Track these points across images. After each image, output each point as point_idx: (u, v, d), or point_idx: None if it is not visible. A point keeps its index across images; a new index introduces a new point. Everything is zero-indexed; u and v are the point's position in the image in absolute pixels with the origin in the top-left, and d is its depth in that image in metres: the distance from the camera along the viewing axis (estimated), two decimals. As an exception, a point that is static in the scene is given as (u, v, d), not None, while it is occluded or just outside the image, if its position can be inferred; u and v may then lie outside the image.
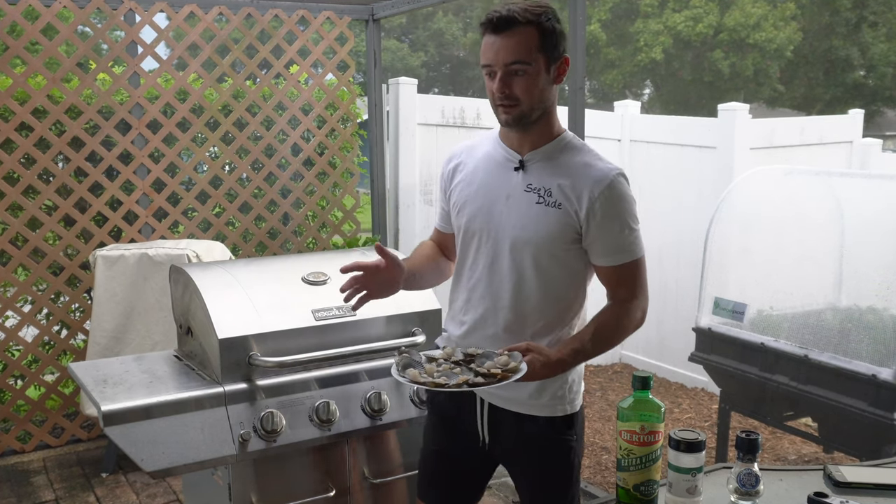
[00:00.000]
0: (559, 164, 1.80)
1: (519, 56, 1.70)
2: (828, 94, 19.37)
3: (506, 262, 1.82)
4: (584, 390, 1.95)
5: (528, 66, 1.71)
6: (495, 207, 1.83)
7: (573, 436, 1.88)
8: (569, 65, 1.79)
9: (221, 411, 2.24)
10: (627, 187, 1.78)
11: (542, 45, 1.72)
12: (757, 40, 17.56)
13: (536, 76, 1.72)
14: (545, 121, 1.81)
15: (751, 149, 5.12)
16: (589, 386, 5.37)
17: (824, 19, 18.62)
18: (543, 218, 1.77)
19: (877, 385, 3.04)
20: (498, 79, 1.72)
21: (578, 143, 1.85)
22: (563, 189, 1.76)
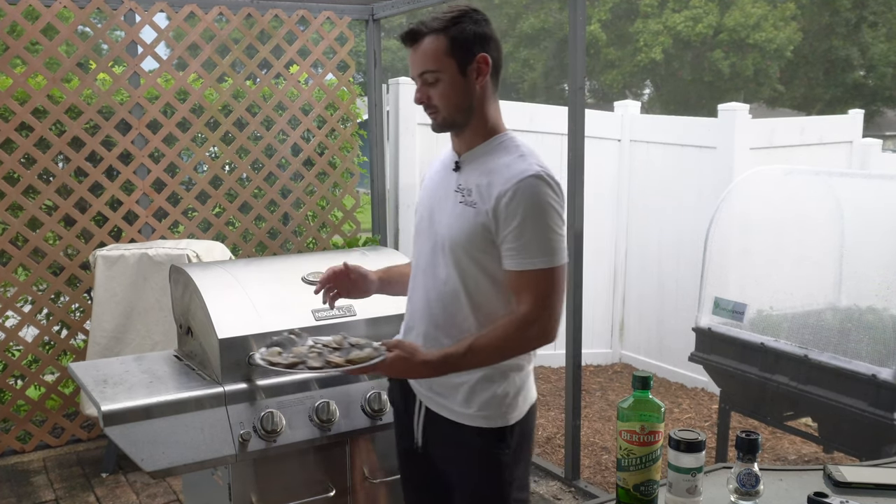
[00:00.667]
0: (486, 164, 1.79)
1: (426, 66, 1.76)
2: (828, 94, 19.37)
3: (438, 263, 1.83)
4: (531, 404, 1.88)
5: (438, 74, 1.75)
6: (434, 209, 1.87)
7: (505, 450, 1.83)
8: (488, 62, 1.77)
9: (221, 411, 2.24)
10: (544, 189, 1.70)
11: (451, 51, 1.74)
12: (757, 40, 17.56)
13: (449, 82, 1.75)
14: (477, 122, 1.81)
15: (751, 149, 5.12)
16: (589, 386, 5.38)
17: (824, 19, 18.62)
18: (462, 217, 1.77)
19: (877, 385, 3.04)
20: (416, 89, 1.80)
21: (512, 145, 1.81)
22: (479, 188, 1.76)
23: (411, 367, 1.75)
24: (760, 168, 4.25)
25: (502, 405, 1.81)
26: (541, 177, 1.71)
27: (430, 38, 1.75)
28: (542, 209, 1.69)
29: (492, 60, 1.78)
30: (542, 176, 1.71)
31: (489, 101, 1.82)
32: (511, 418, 1.83)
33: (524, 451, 1.89)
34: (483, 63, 1.77)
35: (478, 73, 1.77)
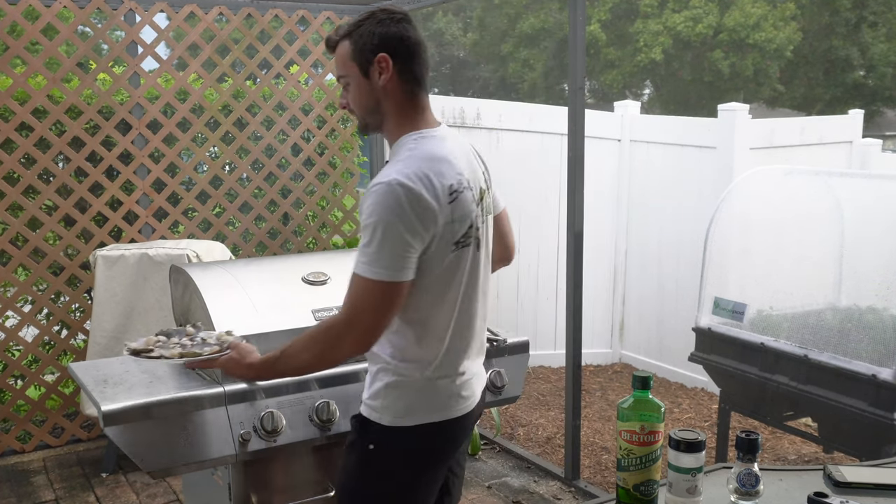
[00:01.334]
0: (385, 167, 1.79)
1: (338, 71, 1.81)
2: (828, 94, 19.37)
3: None
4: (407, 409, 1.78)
5: (347, 78, 1.79)
6: None
7: (368, 444, 1.80)
8: (388, 61, 1.73)
9: (221, 411, 2.23)
10: (389, 199, 1.62)
11: (353, 55, 1.76)
12: (757, 40, 17.56)
13: (356, 86, 1.78)
14: (387, 124, 1.80)
15: (751, 149, 5.12)
16: (589, 386, 5.38)
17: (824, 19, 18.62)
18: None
19: (877, 385, 3.04)
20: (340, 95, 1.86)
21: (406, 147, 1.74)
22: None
23: (239, 368, 1.88)
24: (760, 168, 4.25)
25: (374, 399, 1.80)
26: (389, 185, 1.63)
27: (340, 45, 1.79)
28: (379, 219, 1.63)
29: (397, 59, 1.74)
30: (393, 185, 1.63)
31: (402, 102, 1.77)
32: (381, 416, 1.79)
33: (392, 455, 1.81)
34: (383, 62, 1.74)
35: (380, 73, 1.74)
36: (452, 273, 1.75)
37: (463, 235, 1.74)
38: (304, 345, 1.76)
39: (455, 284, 1.76)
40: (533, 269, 5.68)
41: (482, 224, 1.82)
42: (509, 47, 21.33)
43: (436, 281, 1.73)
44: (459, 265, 1.75)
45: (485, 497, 3.72)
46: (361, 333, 1.69)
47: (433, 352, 1.78)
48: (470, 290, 1.80)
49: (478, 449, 4.23)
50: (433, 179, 1.67)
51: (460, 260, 1.75)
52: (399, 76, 1.75)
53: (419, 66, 1.78)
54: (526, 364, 2.69)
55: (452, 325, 1.78)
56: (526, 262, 5.63)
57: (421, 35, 1.80)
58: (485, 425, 4.60)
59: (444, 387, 1.80)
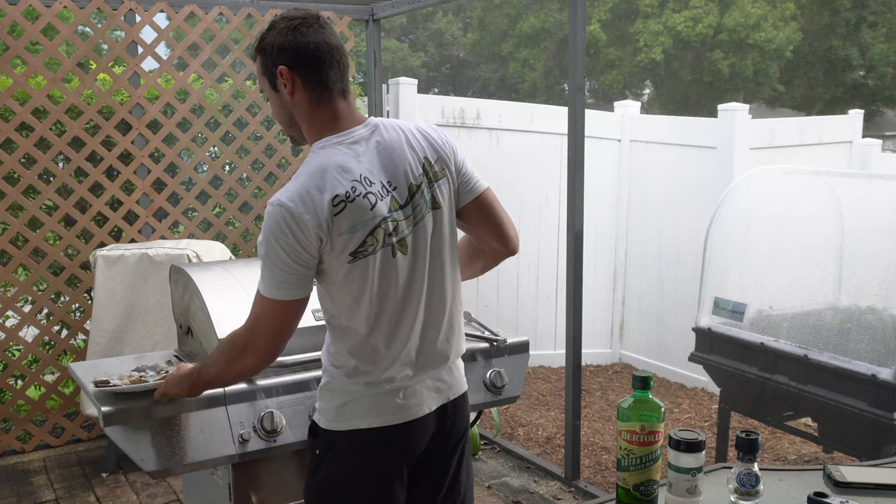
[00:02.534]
0: None
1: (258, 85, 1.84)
2: (828, 94, 19.37)
3: None
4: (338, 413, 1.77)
5: (265, 93, 1.77)
6: None
7: (316, 449, 1.82)
8: (287, 74, 1.68)
9: (221, 411, 2.23)
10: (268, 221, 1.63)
11: (262, 68, 1.73)
12: (757, 40, 17.56)
13: (271, 100, 1.77)
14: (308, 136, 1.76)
15: (751, 149, 5.13)
16: (589, 386, 5.38)
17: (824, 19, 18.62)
18: None
19: (876, 385, 3.04)
20: None
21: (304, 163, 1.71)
22: None
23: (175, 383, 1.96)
24: (760, 168, 4.25)
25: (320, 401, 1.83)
26: (274, 206, 1.63)
27: (257, 59, 1.75)
28: (264, 240, 1.65)
29: (297, 69, 1.68)
30: (275, 206, 1.63)
31: (311, 112, 1.72)
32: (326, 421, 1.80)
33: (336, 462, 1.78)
34: (284, 75, 1.69)
35: (285, 85, 1.70)
36: (358, 282, 1.69)
37: (360, 244, 1.66)
38: (213, 358, 1.84)
39: (366, 293, 1.70)
40: (533, 268, 5.68)
41: (411, 225, 1.72)
42: (509, 47, 21.33)
43: (341, 291, 1.71)
44: (366, 275, 1.68)
45: (485, 497, 3.72)
46: (262, 348, 1.73)
47: (360, 358, 1.75)
48: (397, 298, 1.73)
49: (478, 449, 4.23)
50: (313, 195, 1.62)
51: (366, 269, 1.68)
52: (304, 85, 1.69)
53: (325, 70, 1.69)
54: (526, 364, 2.69)
55: (376, 333, 1.73)
56: (526, 262, 5.63)
57: (328, 36, 1.70)
58: (485, 425, 4.60)
59: (377, 394, 1.76)
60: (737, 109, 5.19)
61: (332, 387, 1.80)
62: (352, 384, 1.77)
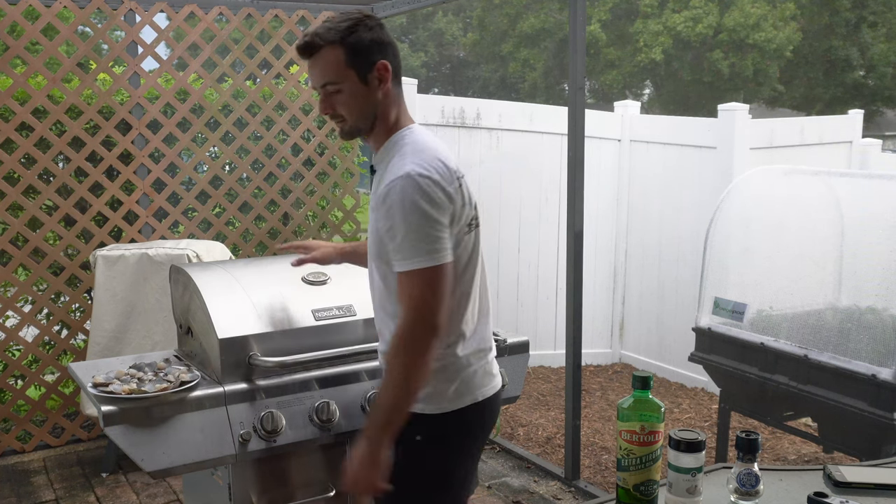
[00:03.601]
0: (386, 165, 1.81)
1: (326, 78, 1.76)
2: (828, 94, 19.38)
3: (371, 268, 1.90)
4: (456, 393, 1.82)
5: (339, 85, 1.76)
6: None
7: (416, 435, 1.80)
8: (388, 69, 1.78)
9: (221, 411, 2.24)
10: (410, 190, 1.67)
11: (349, 61, 1.75)
12: (756, 40, 17.56)
13: (351, 92, 1.76)
14: (379, 126, 1.83)
15: (751, 149, 5.13)
16: (589, 386, 5.38)
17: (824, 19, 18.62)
18: (372, 223, 1.82)
19: (876, 385, 3.04)
20: (319, 100, 1.81)
21: (403, 143, 1.80)
22: (377, 192, 1.79)
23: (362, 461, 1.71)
24: (760, 168, 4.25)
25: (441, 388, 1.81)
26: (409, 177, 1.68)
27: (327, 50, 1.75)
28: (410, 210, 1.67)
29: (391, 66, 1.80)
30: (411, 176, 1.68)
31: (394, 105, 1.84)
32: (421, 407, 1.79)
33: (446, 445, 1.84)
34: (383, 70, 1.79)
35: (380, 81, 1.79)
36: (470, 252, 1.82)
37: (473, 217, 1.83)
38: (390, 373, 1.72)
39: (472, 263, 1.83)
40: (533, 268, 5.68)
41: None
42: (509, 47, 21.34)
43: (457, 261, 1.78)
44: (475, 244, 1.85)
45: (485, 497, 3.72)
46: (433, 317, 1.69)
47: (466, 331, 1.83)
48: (482, 269, 1.90)
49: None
50: (444, 164, 1.74)
51: (474, 239, 1.84)
52: (393, 80, 1.82)
53: (400, 68, 1.87)
54: (526, 364, 2.69)
55: (477, 303, 1.86)
56: (526, 262, 5.63)
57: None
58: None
59: (478, 366, 1.86)
60: (737, 109, 5.19)
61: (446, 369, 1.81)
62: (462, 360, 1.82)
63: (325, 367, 2.40)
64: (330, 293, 2.47)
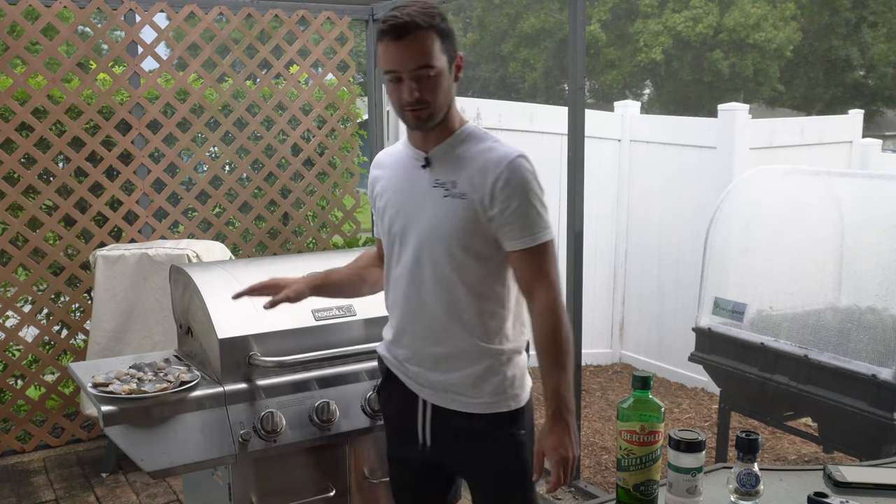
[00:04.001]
0: (461, 155, 1.82)
1: (424, 60, 1.72)
2: (828, 94, 19.37)
3: (427, 262, 1.83)
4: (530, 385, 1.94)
5: (432, 70, 1.74)
6: (411, 208, 1.86)
7: (521, 431, 1.88)
8: (463, 62, 1.82)
9: (221, 411, 2.24)
10: (530, 168, 1.78)
11: (443, 47, 1.75)
12: (757, 40, 17.56)
13: (441, 77, 1.75)
14: (448, 117, 1.83)
15: (751, 149, 5.12)
16: (589, 386, 5.37)
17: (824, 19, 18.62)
18: (451, 210, 1.79)
19: (877, 385, 3.04)
20: (405, 84, 1.74)
21: (480, 133, 1.85)
22: (467, 178, 1.78)
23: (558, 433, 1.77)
24: (760, 168, 4.24)
25: (512, 388, 1.87)
26: (525, 157, 1.78)
27: (424, 33, 1.72)
28: (535, 187, 1.77)
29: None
30: (525, 156, 1.78)
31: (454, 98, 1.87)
32: (522, 399, 1.89)
33: (533, 430, 1.93)
34: (461, 62, 1.82)
35: (456, 71, 1.81)
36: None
37: None
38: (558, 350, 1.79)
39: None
40: (533, 269, 5.66)
41: None
42: (509, 47, 21.33)
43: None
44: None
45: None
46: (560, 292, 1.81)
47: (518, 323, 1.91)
48: None
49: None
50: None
51: None
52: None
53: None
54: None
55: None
56: (526, 262, 5.62)
57: None
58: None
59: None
60: (737, 109, 5.18)
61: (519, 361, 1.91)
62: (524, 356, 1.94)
63: (325, 367, 2.40)
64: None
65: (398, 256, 1.91)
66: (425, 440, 1.93)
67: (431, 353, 1.88)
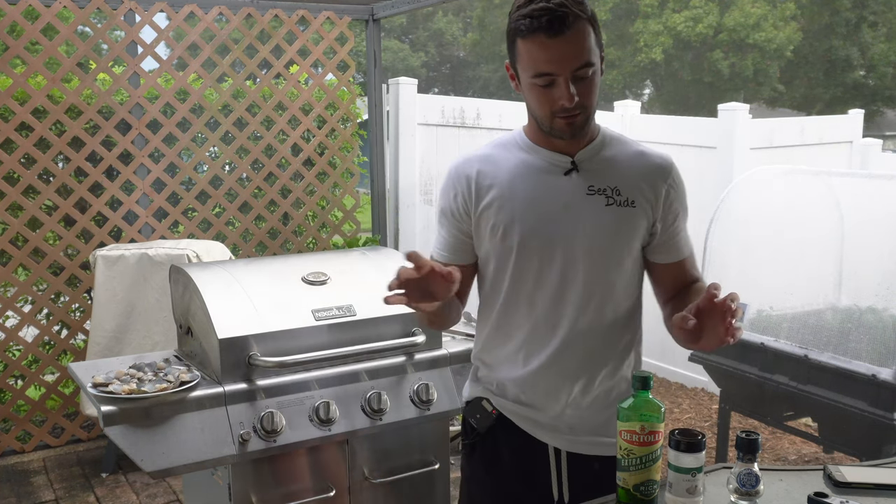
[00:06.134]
0: (613, 159, 1.63)
1: (586, 58, 1.48)
2: (828, 94, 19.38)
3: (581, 278, 1.62)
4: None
5: (592, 68, 1.50)
6: (555, 219, 1.61)
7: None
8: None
9: (221, 411, 2.24)
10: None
11: (597, 40, 1.51)
12: (757, 40, 17.57)
13: (597, 76, 1.54)
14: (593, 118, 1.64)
15: (751, 149, 5.12)
16: (589, 386, 5.37)
17: (824, 19, 18.63)
18: (620, 220, 1.61)
19: (877, 385, 3.04)
20: (564, 87, 1.48)
21: (616, 134, 1.70)
22: (630, 185, 1.62)
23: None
24: (760, 168, 4.24)
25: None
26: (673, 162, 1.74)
27: (581, 26, 1.46)
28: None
29: None
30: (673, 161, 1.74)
31: None
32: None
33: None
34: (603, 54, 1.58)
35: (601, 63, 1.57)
36: None
37: None
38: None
39: None
40: (533, 269, 5.66)
41: None
42: (509, 47, 21.30)
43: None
44: None
45: (485, 497, 3.72)
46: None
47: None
48: None
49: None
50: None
51: None
52: None
53: None
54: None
55: None
56: (526, 262, 5.61)
57: None
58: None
59: None
60: (737, 109, 5.18)
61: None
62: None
63: (325, 367, 2.40)
64: (330, 293, 2.47)
65: (537, 279, 1.63)
66: (561, 496, 1.69)
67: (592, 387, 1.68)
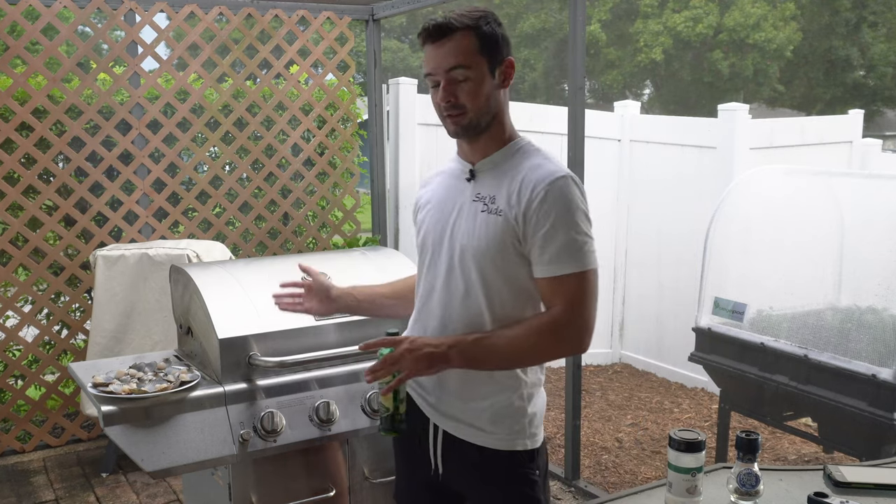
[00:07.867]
0: (508, 169, 1.72)
1: (458, 60, 1.65)
2: (828, 94, 19.37)
3: (456, 276, 1.74)
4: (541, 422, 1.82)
5: (468, 71, 1.66)
6: (448, 221, 1.77)
7: (536, 470, 1.77)
8: (514, 67, 1.73)
9: (221, 411, 2.24)
10: (573, 191, 1.65)
11: (482, 49, 1.67)
12: (757, 40, 17.57)
13: (480, 81, 1.67)
14: (495, 128, 1.74)
15: (751, 149, 5.12)
16: (589, 386, 5.37)
17: (824, 19, 18.62)
18: (485, 226, 1.69)
19: (877, 385, 3.04)
20: (441, 87, 1.68)
21: (532, 149, 1.76)
22: (507, 194, 1.68)
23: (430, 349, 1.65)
24: (760, 168, 4.24)
25: (531, 427, 1.75)
26: (572, 178, 1.67)
27: (461, 34, 1.66)
28: (573, 212, 1.64)
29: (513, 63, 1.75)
30: (571, 177, 1.67)
31: (506, 108, 1.77)
32: (538, 440, 1.77)
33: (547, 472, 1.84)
34: (510, 67, 1.73)
35: (504, 77, 1.72)
36: None
37: None
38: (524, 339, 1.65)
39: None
40: (533, 269, 5.67)
41: None
42: (509, 47, 21.30)
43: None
44: None
45: (485, 497, 3.72)
46: (586, 331, 1.64)
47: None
48: None
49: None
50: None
51: None
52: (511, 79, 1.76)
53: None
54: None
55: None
56: (526, 262, 5.62)
57: None
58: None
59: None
60: (737, 109, 5.19)
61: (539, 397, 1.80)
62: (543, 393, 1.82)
63: (325, 367, 2.40)
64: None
65: (427, 271, 1.82)
66: (437, 466, 1.83)
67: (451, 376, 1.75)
